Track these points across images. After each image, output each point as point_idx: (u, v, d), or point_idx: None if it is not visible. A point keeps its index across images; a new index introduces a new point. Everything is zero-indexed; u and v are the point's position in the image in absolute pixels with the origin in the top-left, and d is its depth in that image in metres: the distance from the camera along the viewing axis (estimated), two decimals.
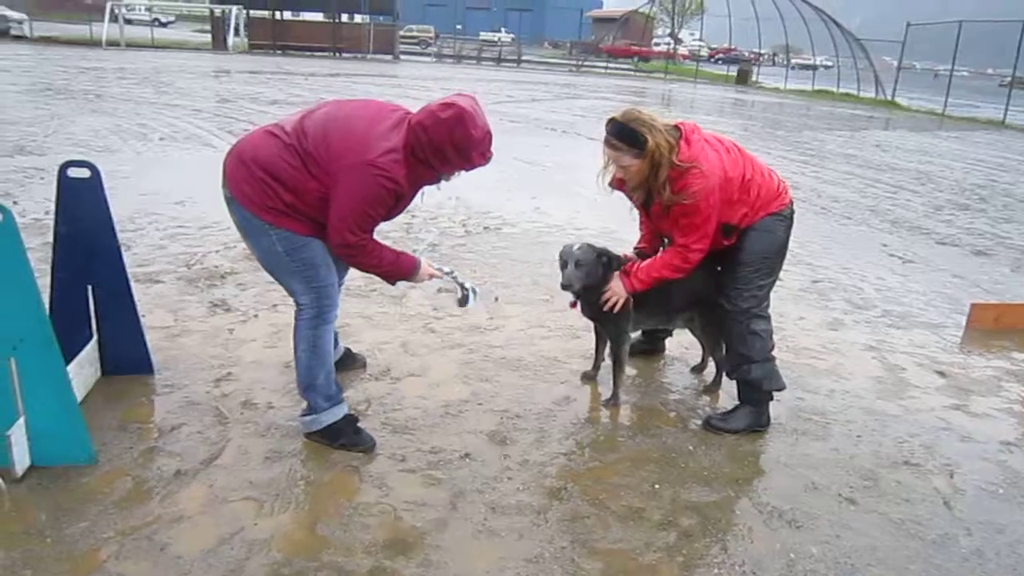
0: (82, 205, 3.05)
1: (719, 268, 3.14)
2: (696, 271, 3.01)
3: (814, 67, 33.62)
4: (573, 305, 3.23)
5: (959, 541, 2.54)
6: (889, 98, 26.39)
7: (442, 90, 18.93)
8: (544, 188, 7.77)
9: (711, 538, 2.44)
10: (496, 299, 4.50)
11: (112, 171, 7.26)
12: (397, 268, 2.72)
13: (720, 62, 42.54)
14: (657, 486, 2.71)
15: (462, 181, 2.78)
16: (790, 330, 4.30)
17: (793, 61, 35.88)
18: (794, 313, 4.61)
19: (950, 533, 2.58)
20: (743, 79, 33.02)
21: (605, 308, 3.11)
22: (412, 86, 19.30)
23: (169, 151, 8.58)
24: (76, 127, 9.73)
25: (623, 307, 3.10)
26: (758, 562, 2.34)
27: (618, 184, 3.09)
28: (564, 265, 3.06)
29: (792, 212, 3.11)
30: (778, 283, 5.21)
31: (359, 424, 2.91)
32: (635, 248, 3.33)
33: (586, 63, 37.23)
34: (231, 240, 5.31)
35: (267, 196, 2.55)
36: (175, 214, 5.94)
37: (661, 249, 3.21)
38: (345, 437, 2.82)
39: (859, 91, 28.28)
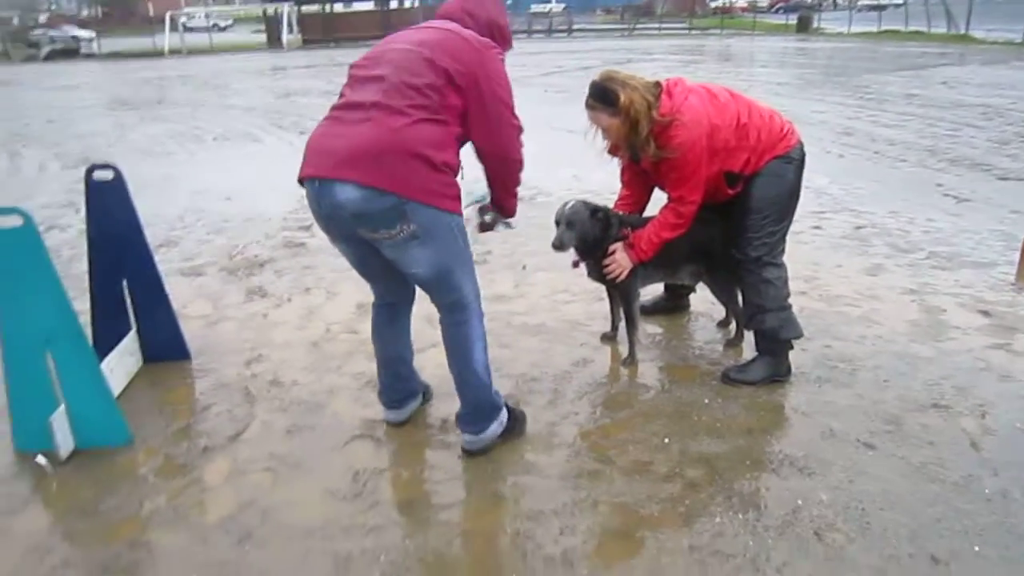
0: (108, 205, 3.22)
1: (728, 218, 3.08)
2: (696, 223, 2.97)
3: (881, 7, 31.97)
4: (576, 265, 3.24)
5: (983, 482, 2.45)
6: (962, 32, 24.87)
7: None
8: (585, 157, 7.69)
9: (716, 488, 2.43)
10: (524, 267, 4.53)
11: (167, 174, 7.62)
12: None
13: (781, 11, 40.91)
14: (667, 440, 2.71)
15: None
16: (825, 279, 4.18)
17: (859, 3, 34.18)
18: (831, 261, 4.47)
19: (974, 475, 2.49)
20: (804, 27, 31.70)
21: (609, 278, 3.11)
22: None
23: (221, 150, 8.91)
24: (137, 135, 10.20)
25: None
26: (762, 509, 2.32)
27: (615, 150, 3.08)
28: (556, 224, 3.07)
29: (802, 154, 3.01)
30: (816, 231, 5.09)
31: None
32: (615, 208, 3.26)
33: (638, 26, 36.42)
34: (272, 229, 5.51)
35: (437, 179, 2.25)
36: (222, 209, 6.19)
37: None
38: (519, 422, 2.75)
39: (929, 27, 26.74)
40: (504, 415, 2.67)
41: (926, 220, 5.28)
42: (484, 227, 2.77)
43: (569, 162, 7.31)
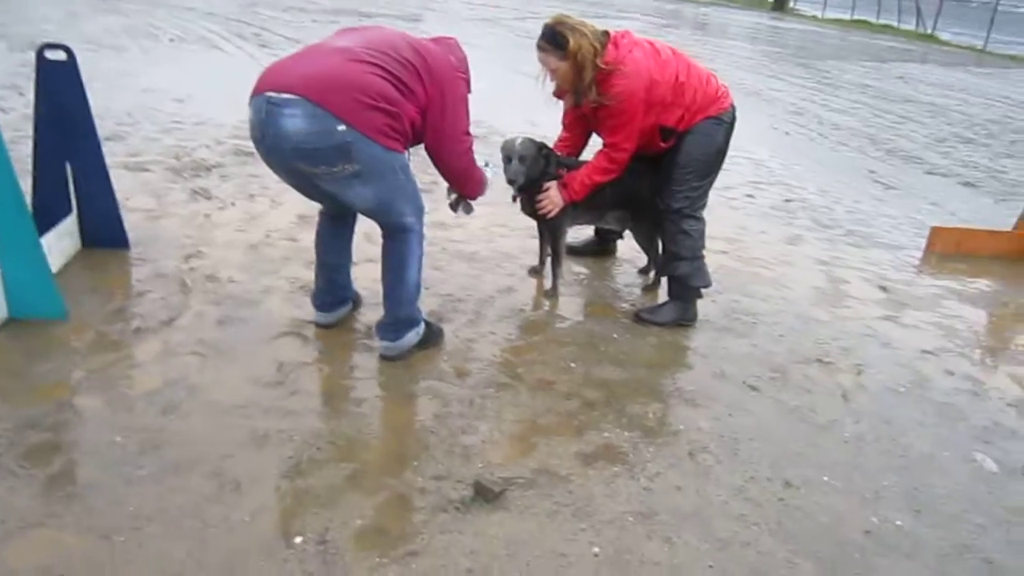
0: (59, 86, 3.25)
1: (657, 170, 3.28)
2: (625, 173, 3.16)
3: None
4: (515, 199, 3.41)
5: (845, 427, 2.75)
6: (928, 31, 25.42)
7: (467, 6, 18.62)
8: (541, 101, 7.81)
9: (609, 408, 2.67)
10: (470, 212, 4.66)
11: (118, 68, 7.46)
12: (480, 174, 2.86)
13: None
14: (573, 364, 2.94)
15: None
16: (747, 242, 4.45)
17: None
18: (756, 227, 4.74)
19: (839, 420, 2.79)
20: (780, 5, 31.94)
21: (540, 213, 3.29)
22: None
23: (176, 52, 8.71)
24: (90, 25, 9.86)
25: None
26: (647, 429, 2.58)
27: (561, 93, 3.24)
28: (508, 160, 3.22)
29: (733, 117, 3.22)
30: (749, 199, 5.36)
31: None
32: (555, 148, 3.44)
33: None
34: (223, 136, 5.51)
35: (388, 123, 2.37)
36: (173, 110, 6.14)
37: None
38: (435, 335, 2.95)
39: (899, 22, 27.23)
40: (421, 327, 2.86)
41: (852, 202, 5.60)
42: (450, 205, 3.06)
43: (523, 105, 7.39)
